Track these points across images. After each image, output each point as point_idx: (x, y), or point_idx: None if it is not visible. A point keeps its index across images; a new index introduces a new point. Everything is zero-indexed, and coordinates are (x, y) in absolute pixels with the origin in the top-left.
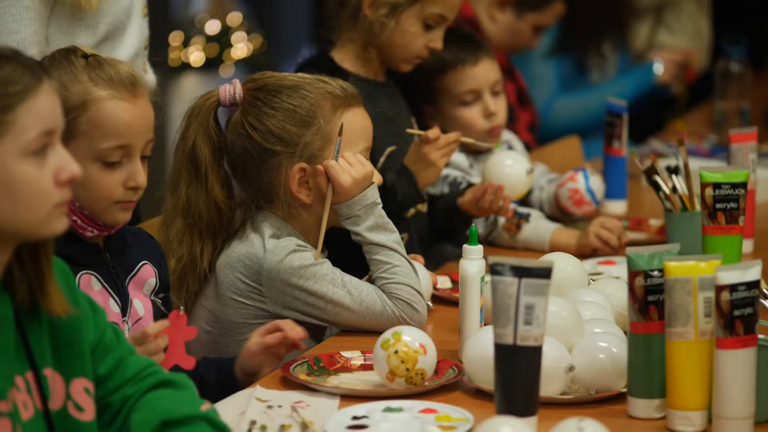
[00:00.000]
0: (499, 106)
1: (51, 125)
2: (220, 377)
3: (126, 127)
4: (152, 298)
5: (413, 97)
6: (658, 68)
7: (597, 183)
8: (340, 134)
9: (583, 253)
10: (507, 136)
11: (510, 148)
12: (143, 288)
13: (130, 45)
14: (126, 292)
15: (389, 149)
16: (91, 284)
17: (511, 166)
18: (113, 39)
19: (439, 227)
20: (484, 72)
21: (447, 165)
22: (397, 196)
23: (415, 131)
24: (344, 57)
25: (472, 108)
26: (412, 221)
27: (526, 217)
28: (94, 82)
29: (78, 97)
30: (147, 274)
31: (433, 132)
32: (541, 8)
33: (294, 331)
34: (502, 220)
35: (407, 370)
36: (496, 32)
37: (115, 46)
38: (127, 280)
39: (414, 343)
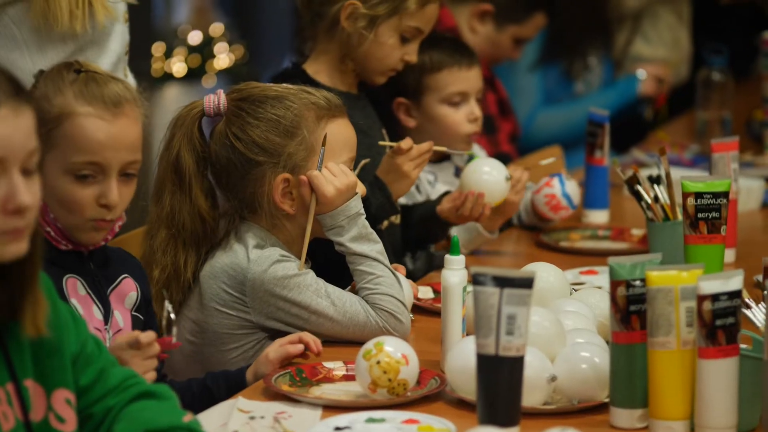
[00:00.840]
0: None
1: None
2: (230, 385)
3: (98, 145)
4: (133, 313)
5: (383, 107)
6: (642, 74)
7: (573, 187)
8: (323, 144)
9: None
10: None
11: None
12: (124, 301)
13: (113, 51)
14: (108, 302)
15: (363, 162)
16: (76, 288)
17: (489, 173)
18: (99, 44)
19: (414, 236)
20: (476, 77)
21: None
22: (371, 208)
23: (388, 143)
24: (319, 69)
25: (458, 110)
26: (385, 233)
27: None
28: (76, 98)
29: (56, 110)
30: (128, 287)
31: (406, 143)
32: (522, 21)
33: (316, 345)
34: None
35: (389, 380)
36: (477, 43)
37: (100, 53)
38: (109, 290)
39: (396, 353)
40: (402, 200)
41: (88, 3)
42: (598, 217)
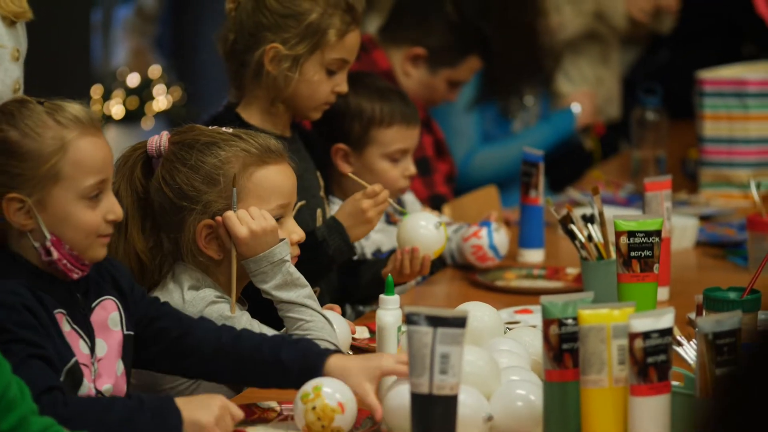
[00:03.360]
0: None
1: None
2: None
3: (102, 161)
4: (125, 333)
5: (315, 151)
6: (577, 107)
7: (501, 238)
8: (233, 185)
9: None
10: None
11: (399, 201)
12: (108, 323)
13: None
14: (92, 330)
15: (298, 204)
16: (62, 324)
17: (425, 227)
18: None
19: (364, 296)
20: (418, 135)
21: None
22: (329, 250)
23: (362, 182)
24: (251, 114)
25: (396, 166)
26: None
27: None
28: (63, 125)
29: (55, 142)
30: (107, 309)
31: (380, 186)
32: (455, 64)
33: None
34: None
35: (323, 427)
36: (412, 86)
37: None
38: (91, 317)
39: (332, 400)
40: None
41: None
42: (534, 256)
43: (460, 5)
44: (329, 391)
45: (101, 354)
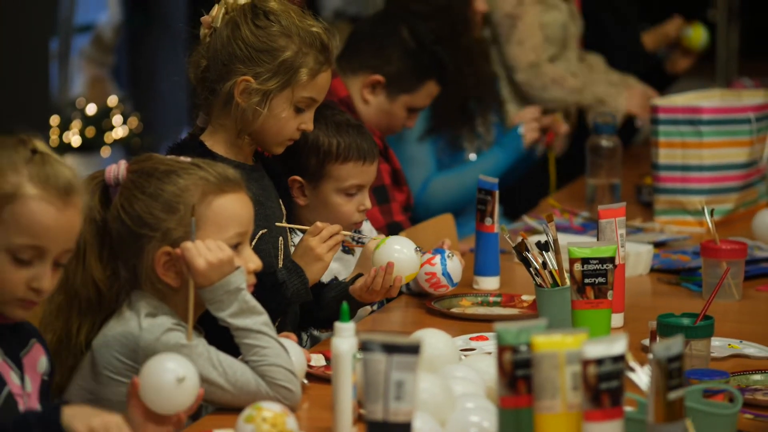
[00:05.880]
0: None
1: None
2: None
3: (45, 230)
4: (43, 378)
5: (279, 179)
6: (521, 126)
7: (454, 265)
8: (192, 215)
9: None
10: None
11: (358, 231)
12: (36, 366)
13: None
14: (22, 365)
15: (260, 232)
16: None
17: (400, 251)
18: None
19: (327, 316)
20: (375, 170)
21: None
22: (287, 292)
23: (297, 226)
24: (216, 142)
25: (351, 200)
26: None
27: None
28: (31, 179)
29: (9, 188)
30: (38, 352)
31: (323, 223)
32: (413, 90)
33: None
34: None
35: None
36: (371, 114)
37: None
38: (22, 354)
39: (276, 408)
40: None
41: None
42: (489, 283)
43: (415, 32)
44: (268, 404)
45: (29, 390)
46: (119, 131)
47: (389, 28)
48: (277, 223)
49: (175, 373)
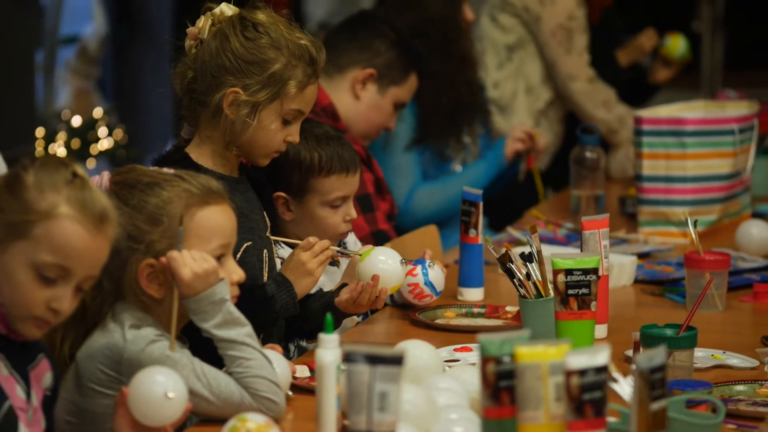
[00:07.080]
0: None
1: None
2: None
3: (74, 252)
4: (47, 393)
5: (263, 191)
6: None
7: (436, 274)
8: (180, 224)
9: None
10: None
11: (341, 244)
12: (41, 381)
13: None
14: (29, 379)
15: (245, 245)
16: (0, 369)
17: (385, 261)
18: None
19: (313, 327)
20: (358, 180)
21: None
22: (276, 306)
23: (288, 240)
24: (202, 153)
25: (336, 212)
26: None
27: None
28: (68, 200)
29: (46, 204)
30: (45, 368)
31: (314, 238)
32: (401, 82)
33: None
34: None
35: None
36: (359, 112)
37: None
38: (29, 368)
39: (260, 419)
40: None
41: None
42: (473, 294)
43: (393, 27)
44: (252, 415)
45: (35, 403)
46: (104, 143)
47: (369, 25)
48: (269, 235)
49: (165, 386)
